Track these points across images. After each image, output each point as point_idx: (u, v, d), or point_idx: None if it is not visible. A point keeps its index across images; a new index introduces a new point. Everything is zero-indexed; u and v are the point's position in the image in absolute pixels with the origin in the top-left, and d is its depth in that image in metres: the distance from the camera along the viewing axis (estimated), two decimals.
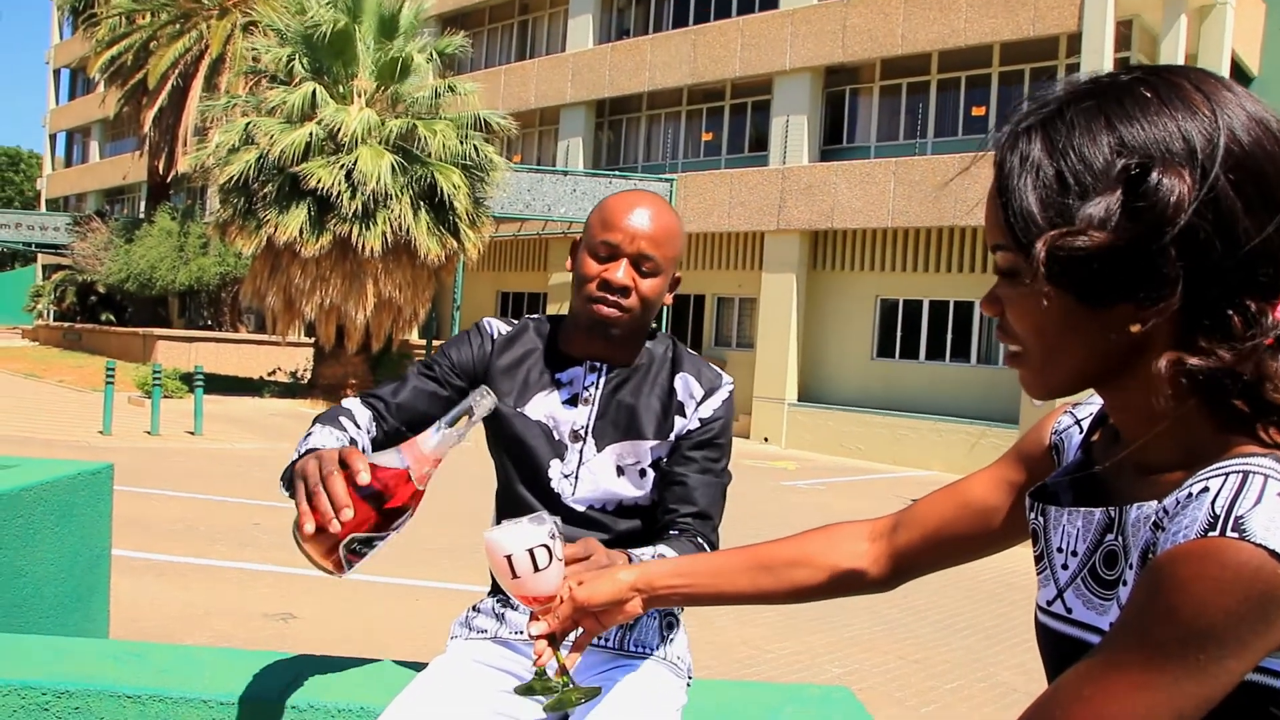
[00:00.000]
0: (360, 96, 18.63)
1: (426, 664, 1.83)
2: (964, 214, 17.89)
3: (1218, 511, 0.78)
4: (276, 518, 8.92)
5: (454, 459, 1.38)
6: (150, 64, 27.04)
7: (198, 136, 24.80)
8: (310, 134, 17.49)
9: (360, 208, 17.53)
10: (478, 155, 18.46)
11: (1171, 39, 16.75)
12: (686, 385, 1.83)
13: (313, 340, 20.97)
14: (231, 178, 17.71)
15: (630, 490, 1.80)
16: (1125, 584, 0.89)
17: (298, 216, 17.57)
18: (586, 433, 1.81)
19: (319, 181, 17.19)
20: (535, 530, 1.27)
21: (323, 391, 20.33)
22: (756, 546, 1.29)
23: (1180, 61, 16.61)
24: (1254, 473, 0.79)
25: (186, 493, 9.83)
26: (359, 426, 1.73)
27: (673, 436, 1.80)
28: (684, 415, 1.81)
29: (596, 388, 1.83)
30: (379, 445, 1.75)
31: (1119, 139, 0.85)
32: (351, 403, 1.78)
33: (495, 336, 1.89)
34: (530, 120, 25.63)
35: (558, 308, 24.93)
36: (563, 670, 1.30)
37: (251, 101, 19.17)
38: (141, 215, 33.31)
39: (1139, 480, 0.93)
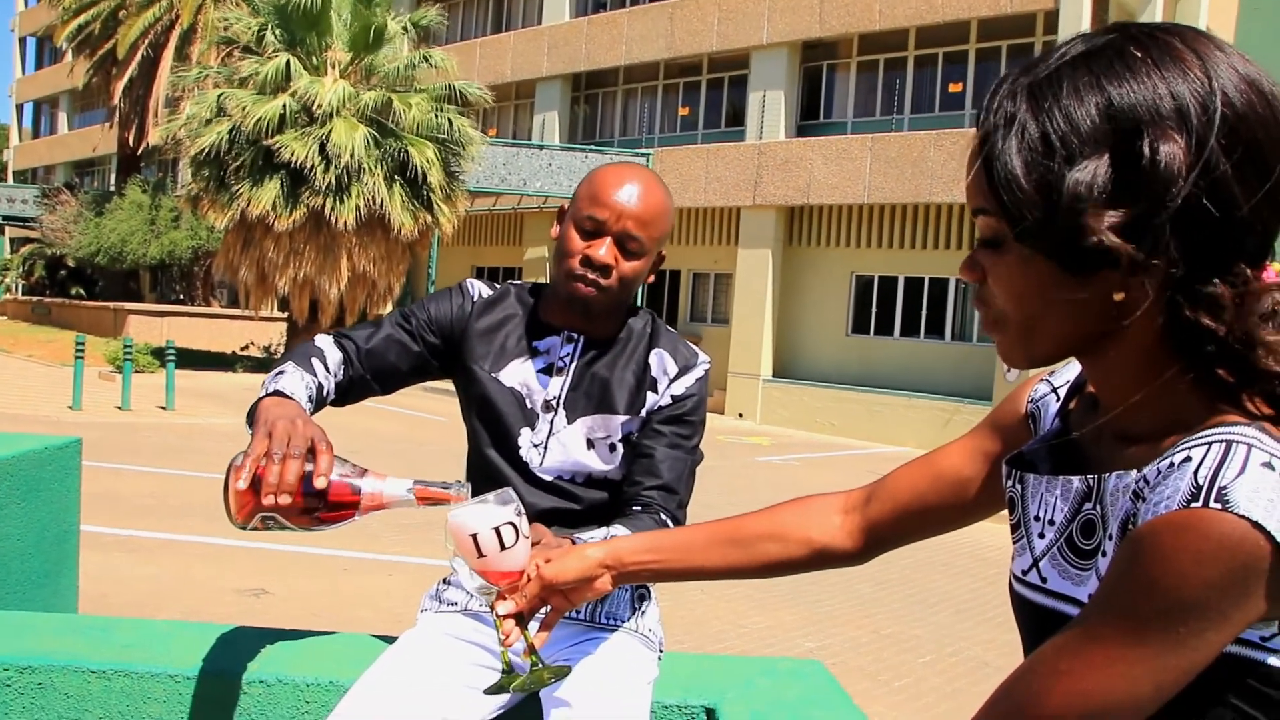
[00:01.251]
0: (334, 68, 18.45)
1: (397, 638, 1.81)
2: (940, 190, 17.92)
3: (1200, 482, 0.76)
4: None
5: (425, 431, 1.36)
6: (119, 33, 26.67)
7: (169, 108, 24.47)
8: (284, 106, 17.29)
9: (334, 181, 17.38)
10: (452, 129, 18.31)
11: (1148, 15, 16.78)
12: (661, 361, 1.81)
13: (286, 315, 20.81)
14: (203, 150, 17.49)
15: (599, 464, 1.78)
16: (1104, 554, 0.87)
17: (271, 190, 17.40)
18: (558, 403, 1.79)
19: (292, 154, 17.02)
20: (501, 509, 1.25)
21: None
22: (727, 520, 1.27)
23: None
24: (1238, 442, 0.78)
25: (157, 468, 9.76)
26: (328, 371, 1.71)
27: (644, 412, 1.79)
28: (656, 391, 1.79)
29: (572, 359, 1.81)
30: (343, 390, 1.74)
31: (1107, 100, 0.82)
32: (324, 341, 1.76)
33: (477, 298, 1.87)
34: (506, 94, 25.47)
35: (532, 280, 24.83)
36: (531, 649, 1.29)
37: (224, 73, 18.95)
38: (112, 188, 32.92)
39: (1119, 449, 0.91)
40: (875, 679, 5.26)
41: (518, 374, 1.81)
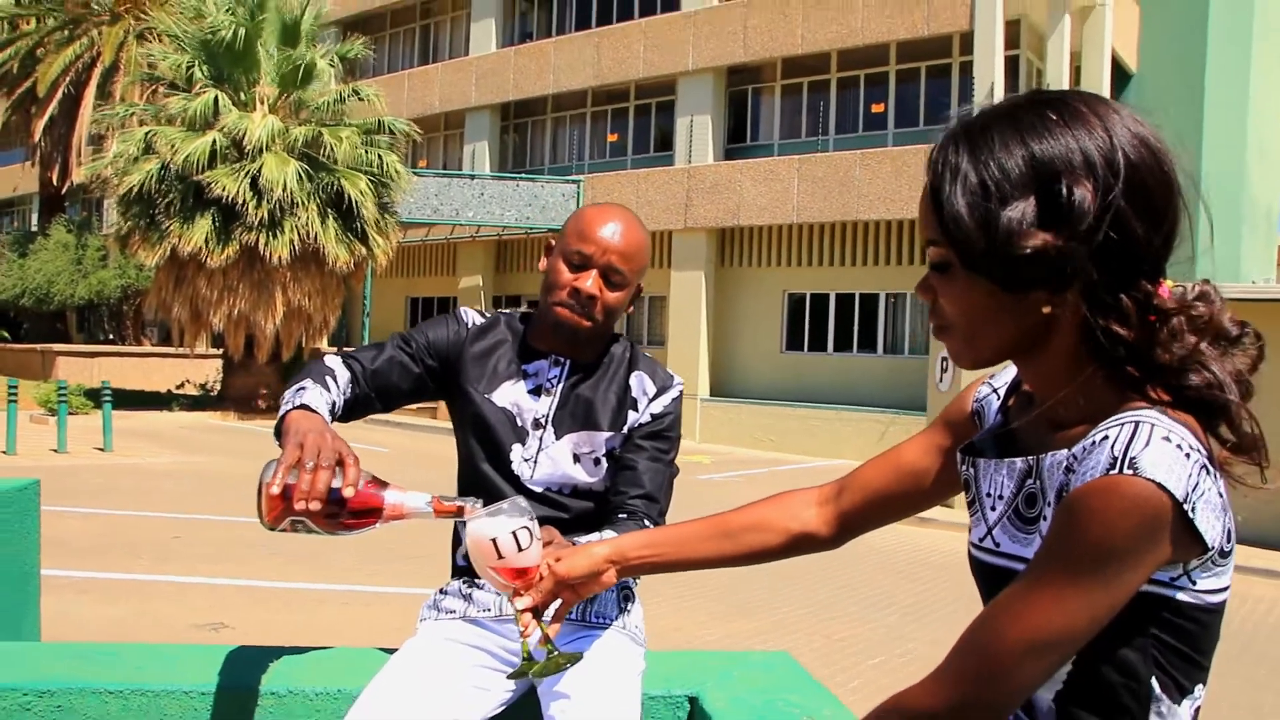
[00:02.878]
0: (263, 103, 18.41)
1: (397, 649, 1.95)
2: (866, 208, 18.34)
3: (1116, 454, 0.96)
4: (196, 531, 8.86)
5: (371, 463, 1.50)
6: (39, 71, 26.30)
7: (93, 146, 24.21)
8: (214, 142, 17.23)
9: (267, 216, 17.34)
10: (383, 163, 18.37)
11: (1057, 38, 17.40)
12: (641, 383, 1.98)
13: (221, 351, 20.64)
14: (132, 188, 17.36)
15: (585, 476, 1.94)
16: (1045, 519, 1.08)
17: (202, 226, 17.32)
18: (547, 421, 1.94)
19: (224, 190, 16.97)
20: (517, 516, 1.40)
21: (233, 403, 20.04)
22: (716, 516, 1.44)
23: (1065, 58, 17.28)
24: (1143, 422, 0.98)
25: (102, 509, 9.68)
26: (339, 388, 1.83)
27: (626, 429, 1.96)
28: (637, 410, 1.96)
29: (559, 381, 1.96)
30: (349, 407, 1.87)
31: (1030, 154, 1.02)
32: (334, 361, 1.89)
33: (470, 325, 2.01)
34: (435, 124, 25.56)
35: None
36: (546, 639, 1.43)
37: (150, 110, 18.82)
38: (35, 228, 32.34)
39: (1051, 434, 1.11)
40: (830, 681, 5.45)
41: (509, 394, 1.95)
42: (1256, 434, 1.02)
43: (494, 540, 1.38)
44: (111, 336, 30.11)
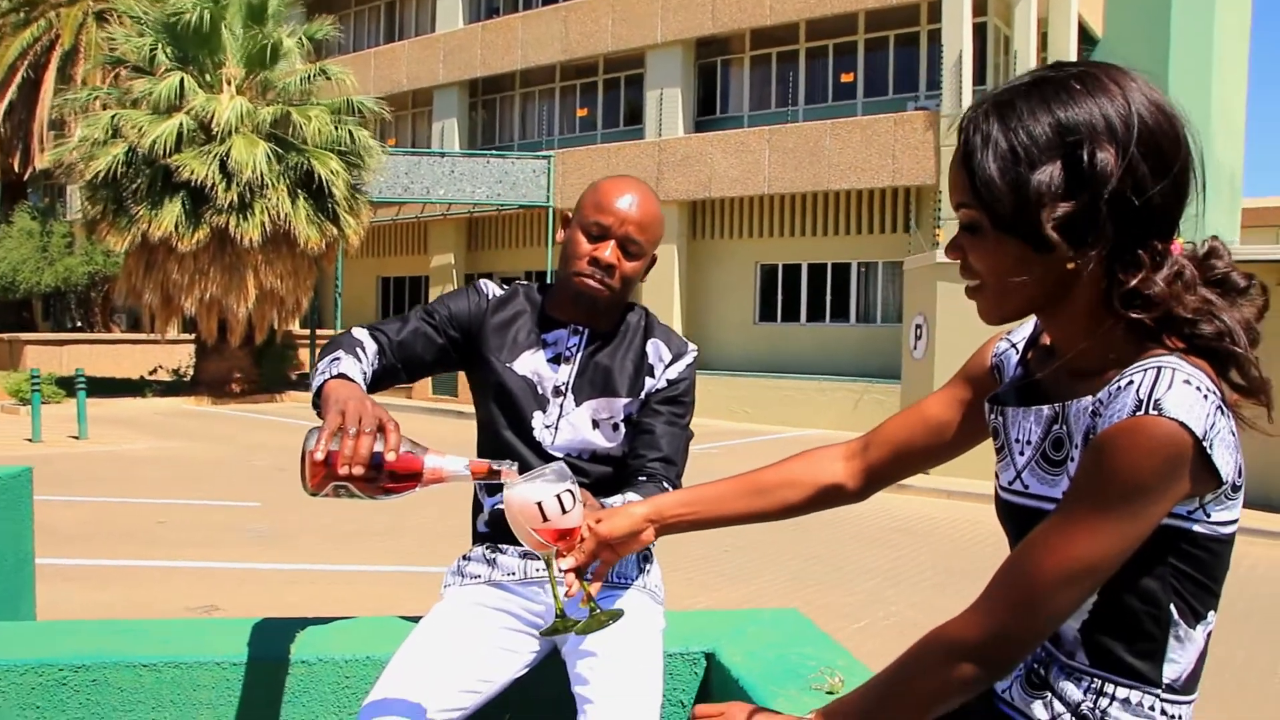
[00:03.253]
0: (230, 85, 18.24)
1: (421, 618, 2.00)
2: (838, 178, 18.43)
3: (1141, 396, 1.05)
4: (180, 515, 8.87)
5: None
6: None
7: (55, 131, 23.88)
8: (181, 124, 17.07)
9: (237, 198, 17.22)
10: (353, 141, 18.26)
11: (1024, 5, 17.50)
12: (657, 350, 2.04)
13: (194, 336, 20.52)
14: (99, 173, 17.17)
15: (604, 442, 2.00)
16: (1072, 460, 1.16)
17: (172, 210, 17.17)
18: (567, 389, 1.99)
19: (192, 173, 16.83)
20: (560, 480, 1.45)
21: (207, 388, 19.95)
22: (749, 474, 1.52)
23: (1033, 25, 17.38)
24: (1165, 367, 1.06)
25: (82, 496, 9.67)
26: (368, 358, 1.88)
27: (643, 394, 2.02)
28: (653, 376, 2.02)
29: (578, 349, 2.01)
30: (377, 378, 1.92)
31: (1056, 120, 1.09)
32: (361, 333, 1.93)
33: (490, 296, 2.06)
34: (403, 103, 25.41)
35: (440, 290, 24.83)
36: (589, 597, 1.48)
37: (114, 93, 18.60)
38: None
39: (1074, 382, 1.20)
40: None
41: (529, 363, 2.00)
42: (1264, 378, 1.11)
43: (539, 504, 1.42)
44: (79, 324, 29.82)
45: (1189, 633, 1.15)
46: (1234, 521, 1.14)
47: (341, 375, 1.72)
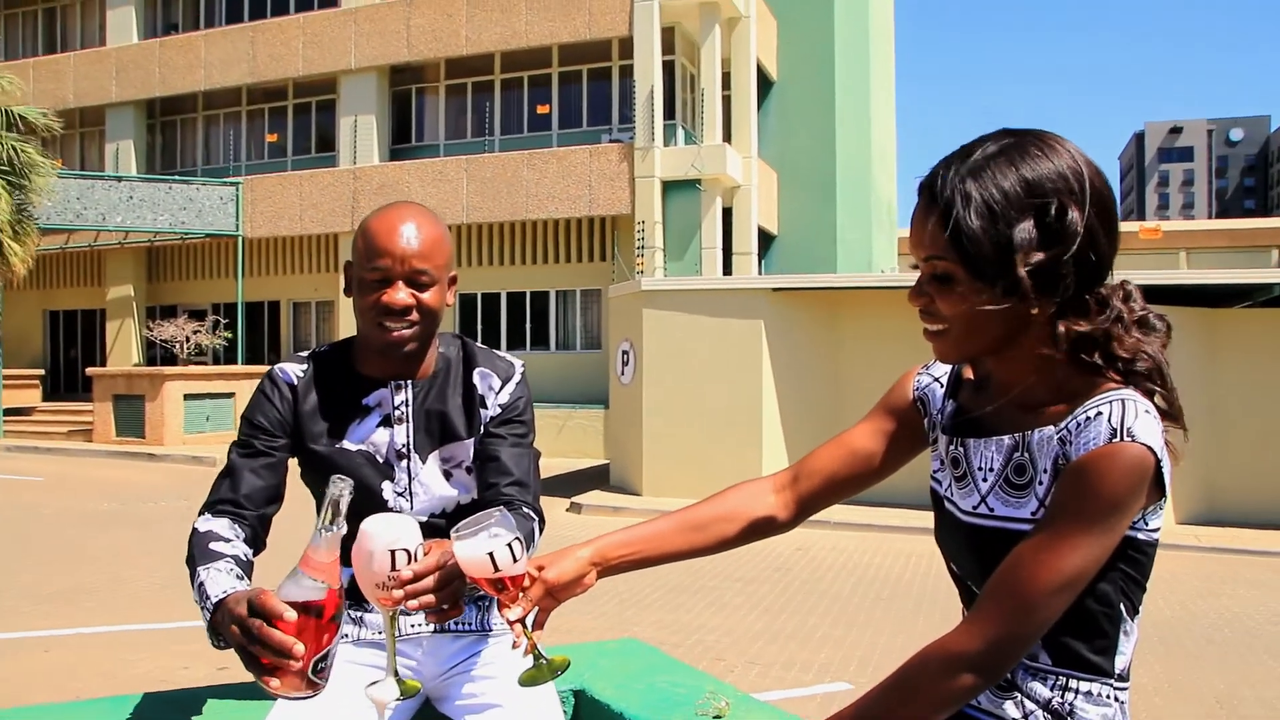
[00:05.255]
0: None
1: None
2: (535, 208, 18.73)
3: (1115, 425, 1.20)
4: None
5: (40, 494, 1.44)
6: None
7: None
8: None
9: None
10: (18, 158, 16.75)
11: (709, 46, 18.50)
12: (485, 379, 1.93)
13: None
14: None
15: (461, 493, 1.90)
16: (1040, 484, 1.30)
17: None
18: (409, 449, 1.88)
19: None
20: (507, 530, 1.38)
21: None
22: (684, 510, 1.55)
23: (717, 66, 18.40)
24: (1128, 400, 1.23)
25: None
26: (229, 540, 1.71)
27: (481, 428, 1.91)
28: (486, 406, 1.92)
29: (406, 405, 1.89)
30: (251, 542, 1.77)
31: (1023, 179, 1.24)
32: (205, 522, 1.75)
33: (293, 383, 1.89)
34: (71, 120, 23.45)
35: (118, 325, 23.20)
36: (533, 646, 1.41)
37: None
38: None
39: (1023, 414, 1.34)
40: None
41: (360, 434, 1.87)
42: (1179, 404, 1.29)
43: (490, 554, 1.37)
44: None
45: (1132, 626, 1.32)
46: (1160, 526, 1.31)
47: (219, 604, 1.51)
